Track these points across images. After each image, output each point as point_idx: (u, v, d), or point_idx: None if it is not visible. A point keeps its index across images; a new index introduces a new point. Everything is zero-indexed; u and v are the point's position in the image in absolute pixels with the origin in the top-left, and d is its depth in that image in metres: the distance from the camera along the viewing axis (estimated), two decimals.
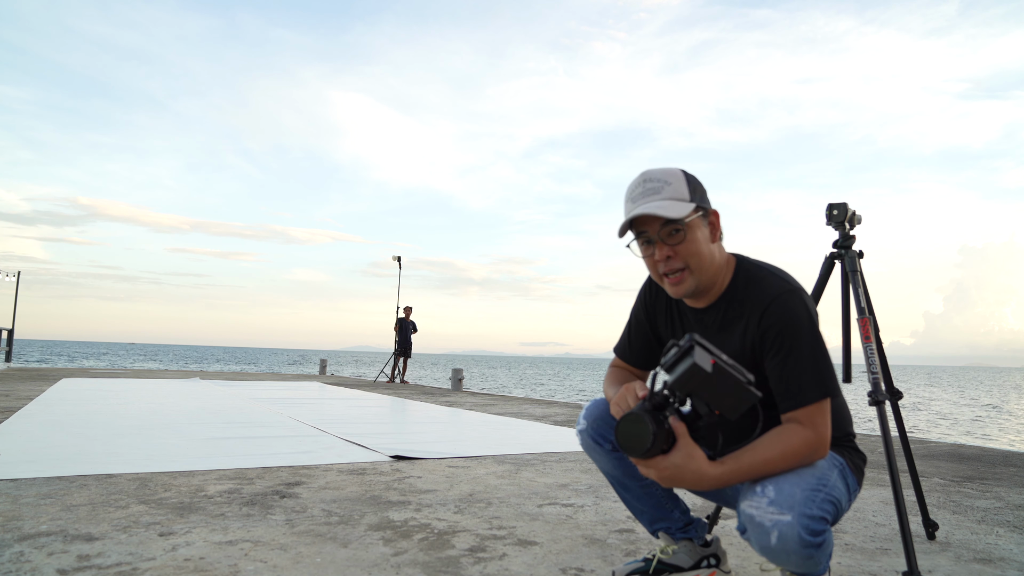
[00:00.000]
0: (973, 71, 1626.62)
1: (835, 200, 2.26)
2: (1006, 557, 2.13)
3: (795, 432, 1.34)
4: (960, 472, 3.80)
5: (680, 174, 1.43)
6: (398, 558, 1.96)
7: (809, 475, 1.32)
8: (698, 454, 1.29)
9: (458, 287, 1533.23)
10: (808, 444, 1.33)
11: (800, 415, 1.34)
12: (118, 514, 2.38)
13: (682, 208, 1.38)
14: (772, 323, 1.38)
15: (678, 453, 1.28)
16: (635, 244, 1.47)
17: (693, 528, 1.75)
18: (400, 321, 15.01)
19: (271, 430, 5.09)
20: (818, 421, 1.34)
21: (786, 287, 1.40)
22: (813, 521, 1.24)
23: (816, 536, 1.24)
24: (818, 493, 1.29)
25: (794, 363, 1.35)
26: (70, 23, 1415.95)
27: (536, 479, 3.29)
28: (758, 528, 1.26)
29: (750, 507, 1.28)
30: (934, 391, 37.84)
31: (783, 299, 1.38)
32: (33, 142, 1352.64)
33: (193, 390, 9.30)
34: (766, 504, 1.26)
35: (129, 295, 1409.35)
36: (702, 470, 1.29)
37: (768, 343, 1.38)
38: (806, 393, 1.34)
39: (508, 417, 6.79)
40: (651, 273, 1.50)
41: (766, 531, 1.25)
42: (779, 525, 1.23)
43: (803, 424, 1.34)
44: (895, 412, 2.27)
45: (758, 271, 1.47)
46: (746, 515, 1.29)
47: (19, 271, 21.96)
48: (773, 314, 1.38)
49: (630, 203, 1.44)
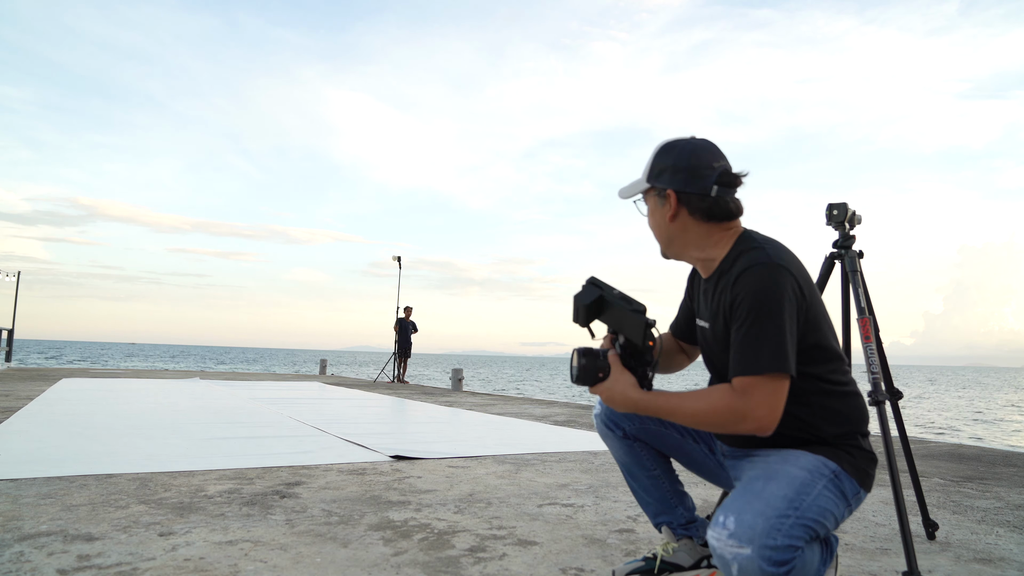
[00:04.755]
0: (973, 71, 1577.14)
1: (835, 200, 2.26)
2: (1006, 557, 2.13)
3: (723, 394, 1.36)
4: (960, 472, 3.80)
5: (655, 151, 1.55)
6: (398, 558, 1.96)
7: (779, 497, 1.28)
8: (625, 379, 1.46)
9: (458, 287, 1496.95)
10: (732, 410, 1.33)
11: (736, 383, 1.35)
12: (118, 514, 2.38)
13: (632, 188, 1.59)
14: (738, 292, 1.38)
15: (611, 379, 1.48)
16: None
17: (695, 527, 1.76)
18: (400, 321, 15.00)
19: (271, 430, 5.09)
20: (753, 394, 1.32)
21: (764, 259, 1.38)
22: (776, 552, 1.21)
23: (781, 566, 1.21)
24: (785, 520, 1.25)
25: (744, 334, 1.35)
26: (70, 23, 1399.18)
27: (536, 479, 3.29)
28: (720, 560, 1.26)
29: (712, 538, 1.27)
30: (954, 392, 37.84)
31: (755, 271, 1.37)
32: (33, 142, 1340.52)
33: (193, 390, 9.30)
34: (726, 537, 1.24)
35: (129, 295, 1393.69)
36: (627, 392, 1.45)
37: (733, 312, 1.40)
38: (747, 364, 1.33)
39: (508, 417, 6.79)
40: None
41: (727, 563, 1.24)
42: (739, 558, 1.22)
43: (734, 391, 1.34)
44: (895, 412, 2.27)
45: (750, 244, 1.46)
46: (710, 545, 1.28)
47: (19, 271, 21.96)
48: (741, 284, 1.38)
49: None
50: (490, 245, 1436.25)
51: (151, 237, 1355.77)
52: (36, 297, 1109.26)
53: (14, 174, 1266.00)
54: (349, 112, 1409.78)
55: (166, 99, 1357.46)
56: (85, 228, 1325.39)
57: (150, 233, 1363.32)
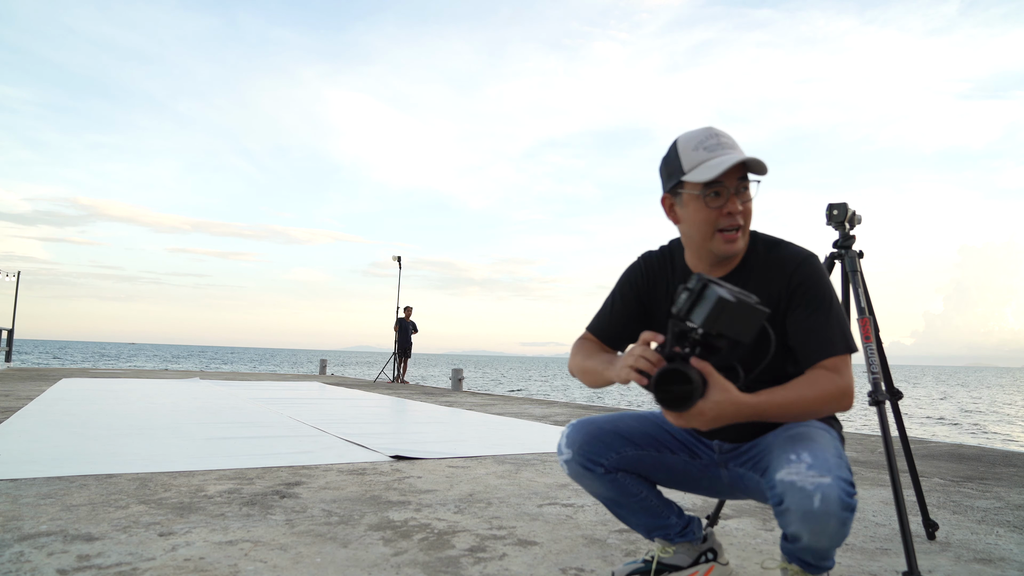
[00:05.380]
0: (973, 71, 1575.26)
1: (835, 200, 2.26)
2: (1006, 557, 2.13)
3: (827, 378, 1.40)
4: (960, 472, 3.80)
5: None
6: (398, 558, 1.96)
7: (829, 443, 1.36)
8: (731, 386, 1.30)
9: (458, 287, 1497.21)
10: (839, 390, 1.39)
11: (828, 363, 1.41)
12: (118, 514, 2.38)
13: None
14: (802, 280, 1.46)
15: (715, 390, 1.28)
16: (688, 194, 1.45)
17: (690, 530, 1.73)
18: (400, 321, 15.01)
19: (271, 430, 5.09)
20: (846, 372, 1.41)
21: (809, 252, 1.51)
22: (849, 485, 1.27)
23: (852, 498, 1.26)
24: (843, 460, 1.34)
25: (823, 317, 1.44)
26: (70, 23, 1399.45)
27: (536, 479, 3.29)
28: (799, 492, 1.26)
29: (789, 474, 1.28)
30: None
31: (810, 260, 1.49)
32: (33, 142, 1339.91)
33: (193, 390, 9.30)
34: (805, 469, 1.27)
35: (129, 295, 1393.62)
36: (740, 400, 1.30)
37: (798, 298, 1.46)
38: (836, 345, 1.42)
39: (508, 417, 6.79)
40: (700, 228, 1.46)
41: (808, 495, 1.25)
42: (821, 487, 1.24)
43: (831, 372, 1.40)
44: (895, 412, 2.27)
45: (777, 240, 1.55)
46: (785, 483, 1.28)
47: (19, 271, 21.95)
48: (803, 272, 1.47)
49: (707, 151, 1.42)
50: (490, 245, 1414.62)
51: (151, 237, 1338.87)
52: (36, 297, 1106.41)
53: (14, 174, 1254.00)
54: (349, 112, 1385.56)
55: (166, 99, 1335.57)
56: (85, 228, 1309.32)
57: (150, 233, 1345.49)
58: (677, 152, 1.46)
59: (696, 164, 1.42)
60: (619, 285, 1.66)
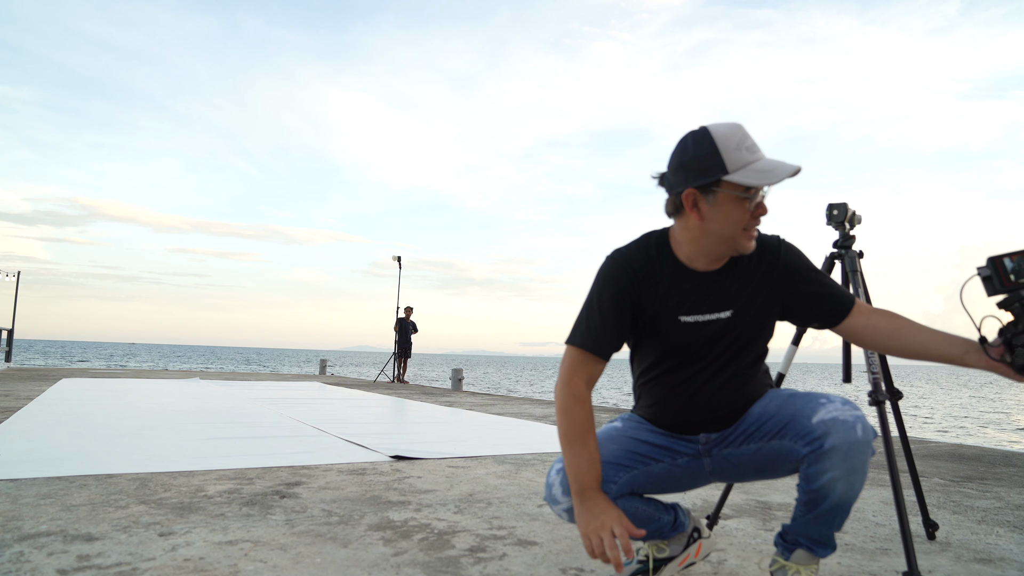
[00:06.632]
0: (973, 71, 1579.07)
1: (835, 200, 2.26)
2: (1006, 557, 2.13)
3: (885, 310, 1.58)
4: (960, 472, 3.80)
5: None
6: (398, 558, 1.96)
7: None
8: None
9: (458, 287, 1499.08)
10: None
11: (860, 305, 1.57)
12: (118, 514, 2.38)
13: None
14: (792, 256, 1.57)
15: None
16: (726, 193, 1.41)
17: (680, 522, 1.73)
18: (400, 321, 15.01)
19: (271, 430, 5.09)
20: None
21: (779, 236, 1.62)
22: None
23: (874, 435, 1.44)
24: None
25: (826, 278, 1.59)
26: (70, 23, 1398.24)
27: (536, 479, 3.29)
28: (843, 425, 1.39)
29: (829, 412, 1.41)
30: None
31: (786, 241, 1.60)
32: (33, 142, 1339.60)
33: (193, 390, 9.30)
34: (840, 405, 1.42)
35: (129, 295, 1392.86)
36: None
37: (797, 272, 1.57)
38: (847, 293, 1.59)
39: (508, 417, 6.79)
40: (732, 227, 1.44)
41: (851, 425, 1.39)
42: (860, 419, 1.40)
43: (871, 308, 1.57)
44: (895, 412, 2.27)
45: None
46: (827, 421, 1.40)
47: (19, 271, 21.95)
48: (789, 250, 1.58)
49: (748, 152, 1.40)
50: (490, 245, 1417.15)
51: (151, 237, 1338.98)
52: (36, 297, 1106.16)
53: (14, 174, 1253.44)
54: (349, 112, 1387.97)
55: (166, 99, 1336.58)
56: (85, 228, 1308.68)
57: (150, 233, 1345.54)
58: (716, 149, 1.39)
59: (742, 165, 1.38)
60: (604, 294, 1.53)
